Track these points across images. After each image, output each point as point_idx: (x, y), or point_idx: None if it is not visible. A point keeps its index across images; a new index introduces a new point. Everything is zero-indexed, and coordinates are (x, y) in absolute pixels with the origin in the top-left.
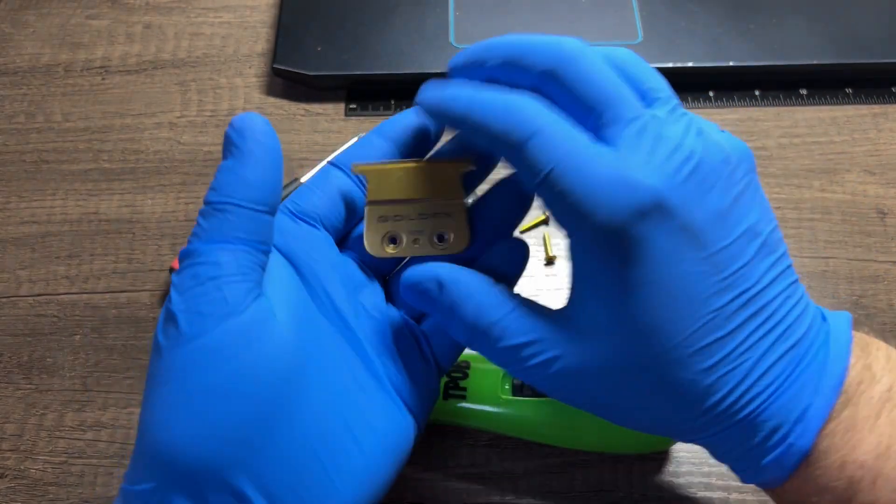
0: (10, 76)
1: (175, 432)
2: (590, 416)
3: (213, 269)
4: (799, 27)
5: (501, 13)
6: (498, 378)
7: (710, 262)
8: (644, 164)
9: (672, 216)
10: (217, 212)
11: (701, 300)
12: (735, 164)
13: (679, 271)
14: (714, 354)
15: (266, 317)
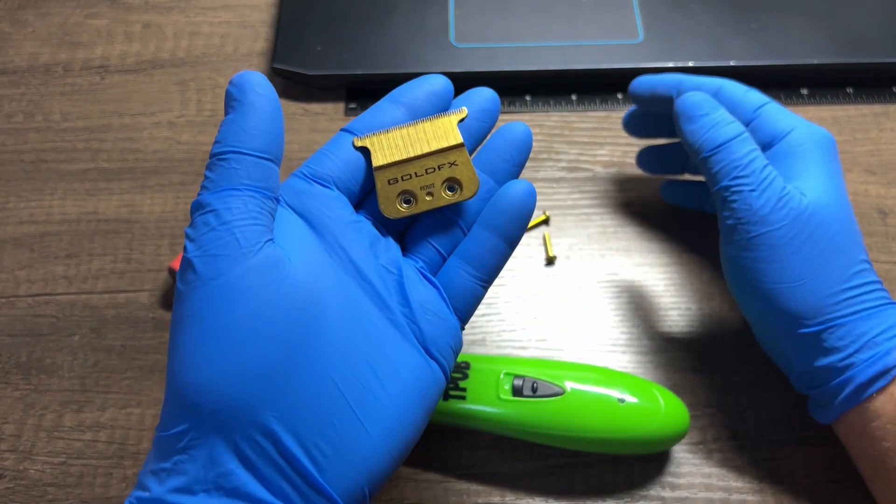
0: (9, 75)
1: (202, 372)
2: (590, 417)
3: (223, 215)
4: (800, 27)
5: (501, 13)
6: (497, 379)
7: (814, 257)
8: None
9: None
10: (222, 161)
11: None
12: (840, 195)
13: (840, 182)
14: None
15: (280, 259)
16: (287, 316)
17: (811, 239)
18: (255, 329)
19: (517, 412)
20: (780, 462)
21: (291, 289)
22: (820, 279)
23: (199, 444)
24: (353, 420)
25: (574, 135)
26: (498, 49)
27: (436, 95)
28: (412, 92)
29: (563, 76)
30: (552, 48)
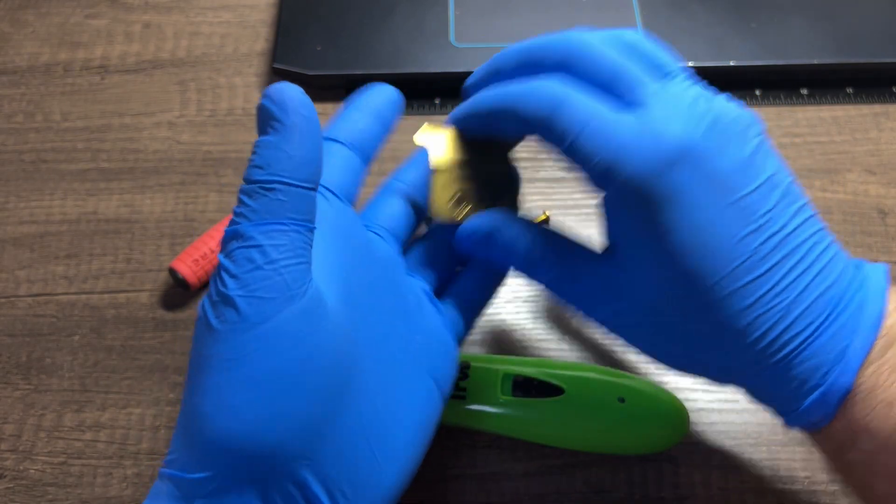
0: (9, 75)
1: (242, 419)
2: (590, 417)
3: (269, 253)
4: (800, 27)
5: (501, 13)
6: (497, 379)
7: (738, 206)
8: (665, 119)
9: (698, 163)
10: (266, 191)
11: (734, 243)
12: (747, 123)
13: (710, 215)
14: (751, 294)
15: (321, 299)
16: (330, 361)
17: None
18: (301, 377)
19: (517, 412)
20: (779, 462)
21: (333, 332)
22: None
23: (230, 491)
24: (373, 464)
25: None
26: (498, 49)
27: (393, 102)
28: (374, 99)
29: None
30: None
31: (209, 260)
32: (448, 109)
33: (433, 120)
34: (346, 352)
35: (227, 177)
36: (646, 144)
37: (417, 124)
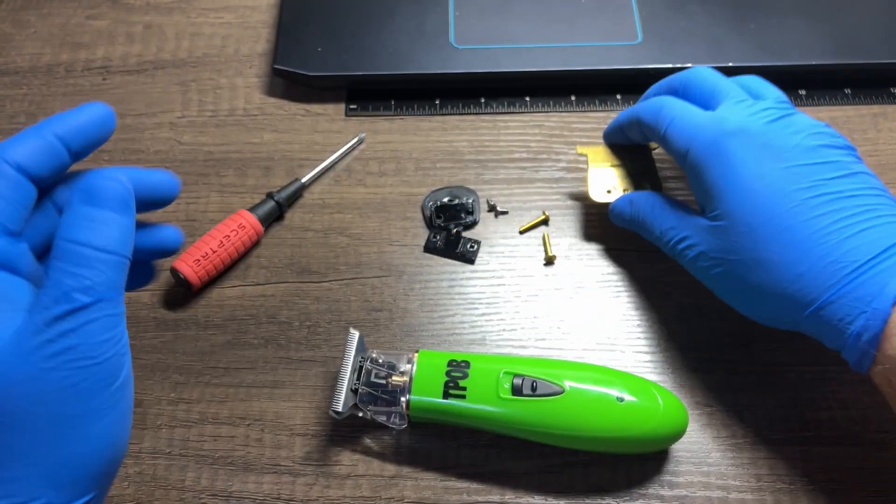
0: (11, 76)
1: None
2: (589, 416)
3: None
4: (798, 28)
5: (501, 14)
6: (497, 378)
7: (792, 171)
8: (732, 112)
9: (752, 137)
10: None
11: (782, 194)
12: (822, 130)
13: (763, 171)
14: (798, 231)
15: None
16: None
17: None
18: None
19: (517, 411)
20: (779, 462)
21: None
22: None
23: None
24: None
25: (573, 135)
26: (498, 50)
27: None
28: (71, 125)
29: (562, 77)
30: (551, 49)
31: (210, 260)
32: (448, 110)
33: (433, 120)
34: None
35: (228, 177)
36: (710, 125)
37: (417, 124)
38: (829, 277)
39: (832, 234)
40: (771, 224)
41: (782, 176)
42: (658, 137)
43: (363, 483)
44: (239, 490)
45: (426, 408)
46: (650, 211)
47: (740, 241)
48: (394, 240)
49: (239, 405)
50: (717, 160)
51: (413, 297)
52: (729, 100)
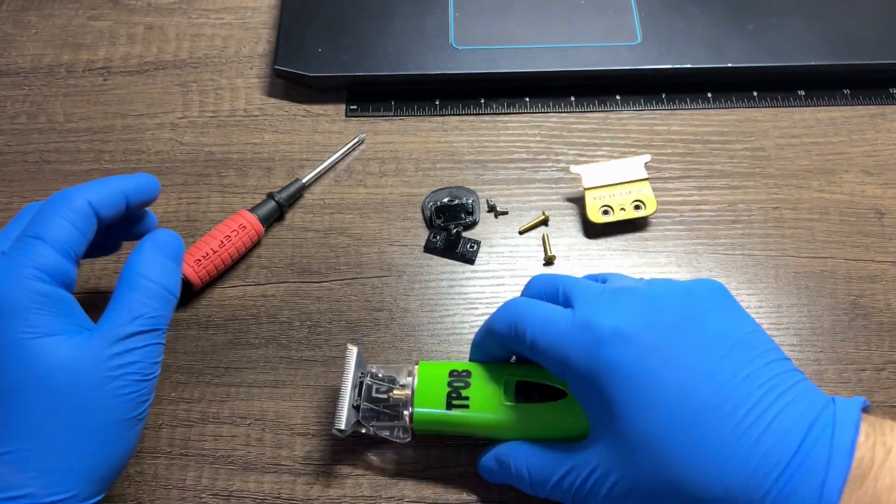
0: (13, 77)
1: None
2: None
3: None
4: (797, 28)
5: (501, 14)
6: (500, 385)
7: (680, 367)
8: (594, 310)
9: (629, 338)
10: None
11: (685, 400)
12: (696, 293)
13: (653, 380)
14: (705, 444)
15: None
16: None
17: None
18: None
19: (521, 417)
20: None
21: None
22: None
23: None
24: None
25: (573, 136)
26: (497, 51)
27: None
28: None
29: (561, 78)
30: (551, 50)
31: (211, 260)
32: (448, 110)
33: (433, 120)
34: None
35: (229, 177)
36: (580, 336)
37: (417, 125)
38: (757, 488)
39: (745, 435)
40: (680, 439)
41: (674, 379)
42: (525, 348)
43: (363, 483)
44: (239, 490)
45: (430, 420)
46: (531, 459)
47: (654, 462)
48: (394, 240)
49: (240, 405)
50: (601, 376)
51: (413, 297)
52: (577, 291)
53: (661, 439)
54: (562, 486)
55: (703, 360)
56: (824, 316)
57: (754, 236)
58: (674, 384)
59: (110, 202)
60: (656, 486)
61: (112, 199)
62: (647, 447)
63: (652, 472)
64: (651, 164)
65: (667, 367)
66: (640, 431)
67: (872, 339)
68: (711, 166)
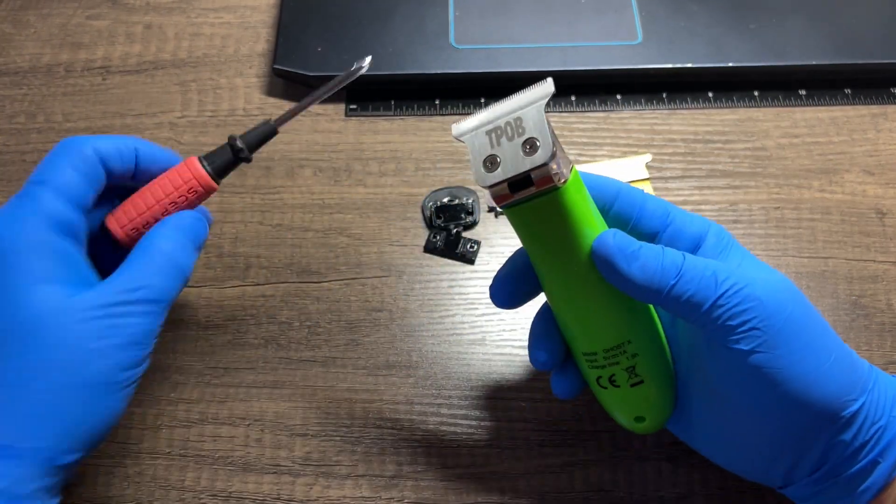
0: (11, 76)
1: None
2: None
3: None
4: (798, 28)
5: (501, 14)
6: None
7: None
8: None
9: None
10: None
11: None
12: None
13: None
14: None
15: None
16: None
17: (811, 309)
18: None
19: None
20: None
21: None
22: (840, 349)
23: None
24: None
25: (573, 135)
26: (497, 50)
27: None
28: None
29: (562, 77)
30: (551, 49)
31: (144, 218)
32: (448, 110)
33: (433, 120)
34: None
35: (228, 177)
36: (780, 288)
37: (417, 125)
38: (856, 382)
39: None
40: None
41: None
42: (652, 223)
43: (363, 483)
44: (239, 490)
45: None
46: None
47: (793, 297)
48: (394, 240)
49: (239, 405)
50: (739, 247)
51: (413, 297)
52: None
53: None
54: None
55: (825, 328)
56: (825, 316)
57: (755, 236)
58: (824, 350)
59: (118, 154)
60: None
61: (121, 151)
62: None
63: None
64: (652, 163)
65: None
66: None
67: (874, 339)
68: (712, 166)
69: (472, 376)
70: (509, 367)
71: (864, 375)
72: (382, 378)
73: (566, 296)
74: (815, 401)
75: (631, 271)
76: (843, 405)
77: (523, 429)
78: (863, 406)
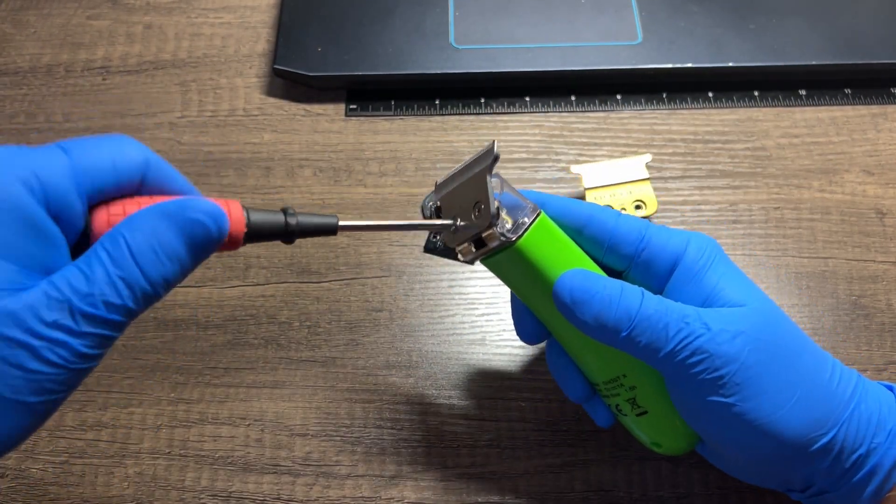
0: (11, 76)
1: None
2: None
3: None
4: (798, 28)
5: (501, 14)
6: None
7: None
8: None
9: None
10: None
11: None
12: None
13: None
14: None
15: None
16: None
17: (776, 345)
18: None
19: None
20: None
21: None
22: (807, 385)
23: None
24: None
25: (573, 135)
26: (497, 50)
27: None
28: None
29: (562, 77)
30: (551, 49)
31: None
32: (448, 110)
33: (433, 120)
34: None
35: (228, 177)
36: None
37: (417, 125)
38: (838, 403)
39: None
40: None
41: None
42: (628, 244)
43: (363, 483)
44: (239, 490)
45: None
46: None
47: (764, 330)
48: (394, 240)
49: (239, 405)
50: (722, 259)
51: (413, 297)
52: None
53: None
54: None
55: (798, 356)
56: (825, 316)
57: (755, 236)
58: (789, 386)
59: (167, 177)
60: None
61: (172, 177)
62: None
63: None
64: (652, 163)
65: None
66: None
67: (874, 339)
68: (712, 166)
69: (472, 376)
70: (509, 367)
71: (840, 405)
72: (382, 378)
73: (556, 333)
74: (779, 439)
75: (585, 319)
76: (809, 441)
77: (523, 429)
78: (834, 438)
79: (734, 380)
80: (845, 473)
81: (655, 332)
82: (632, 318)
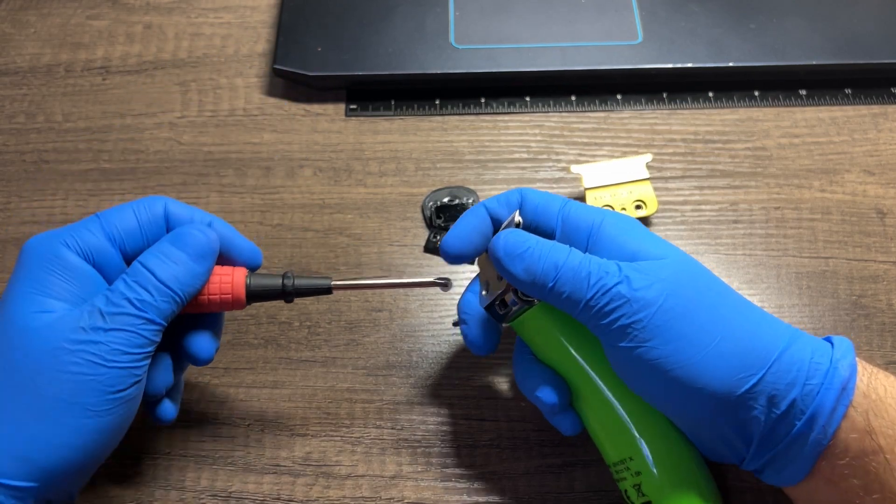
0: (11, 76)
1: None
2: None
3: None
4: (799, 28)
5: (501, 14)
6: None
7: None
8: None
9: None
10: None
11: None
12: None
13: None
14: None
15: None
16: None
17: (696, 292)
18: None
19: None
20: None
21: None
22: (729, 329)
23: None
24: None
25: (573, 135)
26: (498, 50)
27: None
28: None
29: (562, 77)
30: (552, 49)
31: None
32: (448, 110)
33: (433, 120)
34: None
35: (228, 177)
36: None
37: (417, 125)
38: (767, 350)
39: (754, 313)
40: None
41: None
42: (550, 217)
43: (363, 483)
44: (239, 490)
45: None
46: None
47: (681, 278)
48: (394, 240)
49: (239, 405)
50: (641, 228)
51: (413, 297)
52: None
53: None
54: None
55: (719, 304)
56: (826, 316)
57: (756, 236)
58: (711, 328)
59: (188, 221)
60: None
61: (192, 220)
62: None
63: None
64: (652, 163)
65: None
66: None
67: (874, 339)
68: (713, 166)
69: (471, 376)
70: (509, 368)
71: (766, 348)
72: (382, 378)
73: (581, 399)
74: (702, 384)
75: (517, 272)
76: (735, 383)
77: (523, 429)
78: (762, 380)
79: (653, 322)
80: (782, 419)
81: (578, 281)
82: (558, 268)
